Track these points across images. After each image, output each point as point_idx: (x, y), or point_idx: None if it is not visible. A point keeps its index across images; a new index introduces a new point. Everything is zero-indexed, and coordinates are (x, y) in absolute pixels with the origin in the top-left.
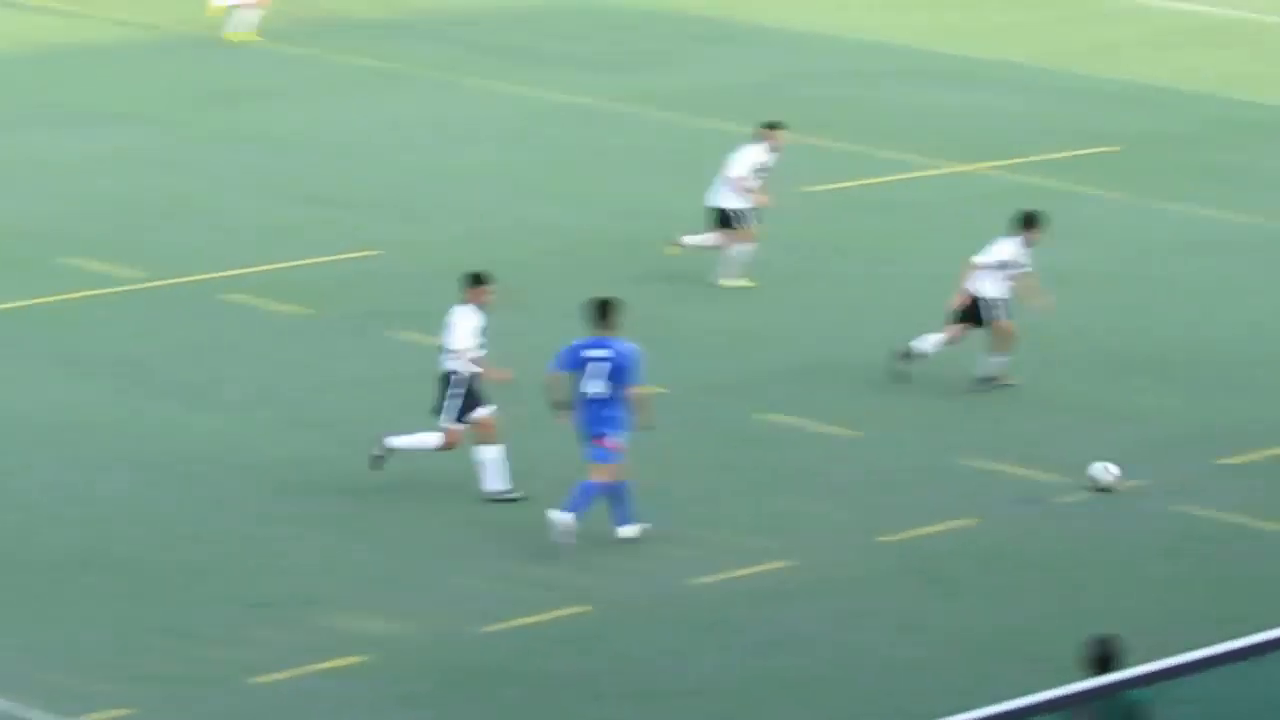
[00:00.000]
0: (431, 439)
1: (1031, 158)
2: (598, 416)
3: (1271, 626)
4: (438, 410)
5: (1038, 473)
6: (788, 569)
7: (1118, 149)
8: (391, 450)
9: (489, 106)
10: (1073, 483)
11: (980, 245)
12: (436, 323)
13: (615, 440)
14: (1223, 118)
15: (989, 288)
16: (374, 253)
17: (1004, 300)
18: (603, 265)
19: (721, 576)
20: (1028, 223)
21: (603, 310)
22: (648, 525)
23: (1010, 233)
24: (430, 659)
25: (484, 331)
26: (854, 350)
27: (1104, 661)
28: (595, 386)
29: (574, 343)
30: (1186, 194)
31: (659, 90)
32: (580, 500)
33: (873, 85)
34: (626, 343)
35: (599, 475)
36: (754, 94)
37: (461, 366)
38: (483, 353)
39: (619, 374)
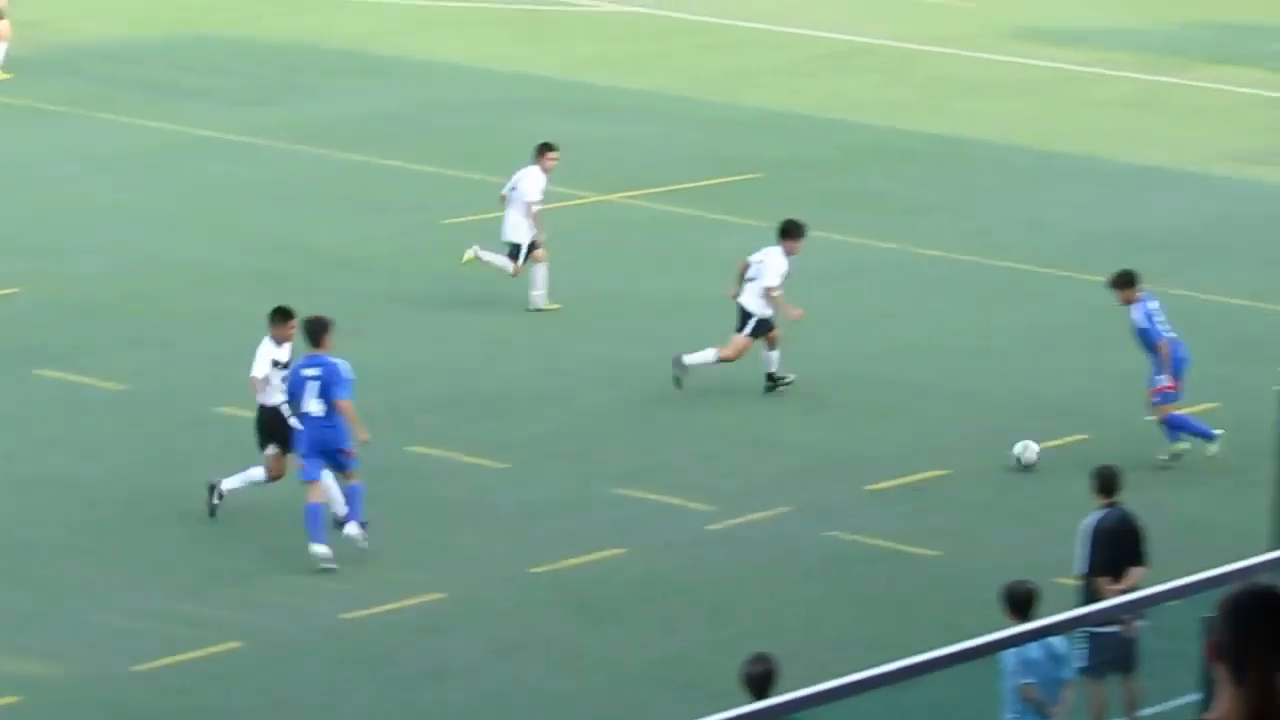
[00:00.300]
0: (256, 473)
1: (673, 186)
2: (322, 435)
3: (919, 648)
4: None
5: (687, 501)
6: (441, 601)
7: (758, 176)
8: (225, 492)
9: (129, 141)
10: (720, 510)
11: (624, 274)
12: (80, 359)
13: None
14: (860, 144)
15: (753, 301)
16: (12, 290)
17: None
18: (244, 299)
19: (375, 610)
20: (787, 233)
21: (311, 328)
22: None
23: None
24: (79, 699)
25: (282, 365)
26: (498, 382)
27: (763, 680)
28: (313, 406)
29: (294, 364)
30: (827, 220)
31: (298, 123)
32: (355, 506)
33: (511, 116)
34: (335, 359)
35: (316, 495)
36: (393, 126)
37: (263, 399)
38: (282, 386)
39: (328, 390)
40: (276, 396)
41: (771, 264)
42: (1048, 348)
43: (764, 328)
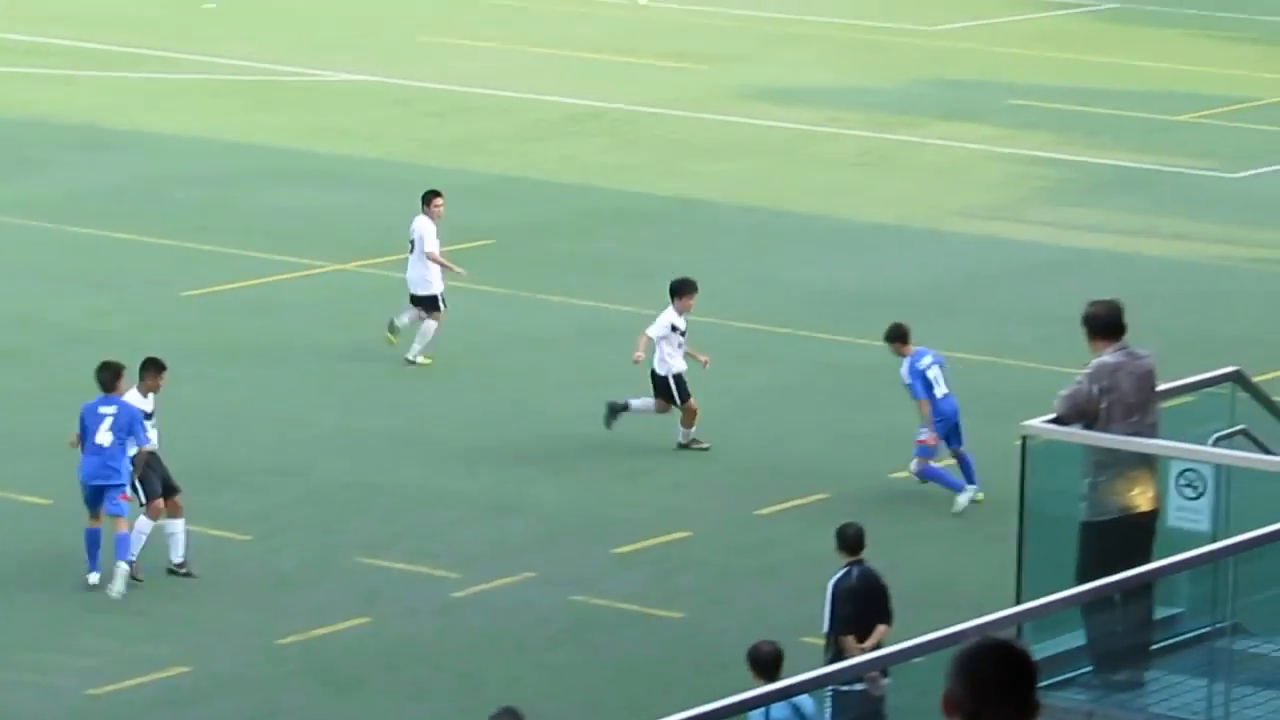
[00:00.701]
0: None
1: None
2: (104, 470)
3: (667, 709)
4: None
5: (432, 569)
6: (188, 674)
7: (490, 242)
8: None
9: None
10: (466, 577)
11: (361, 342)
12: None
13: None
14: (592, 207)
15: (671, 359)
16: None
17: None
18: None
19: (122, 685)
20: (679, 291)
21: (104, 373)
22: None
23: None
24: None
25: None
26: (238, 454)
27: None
28: (104, 438)
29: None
30: (562, 284)
31: (31, 198)
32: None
33: (246, 186)
34: (128, 403)
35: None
36: (126, 199)
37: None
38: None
39: (123, 430)
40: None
41: (660, 319)
42: (786, 407)
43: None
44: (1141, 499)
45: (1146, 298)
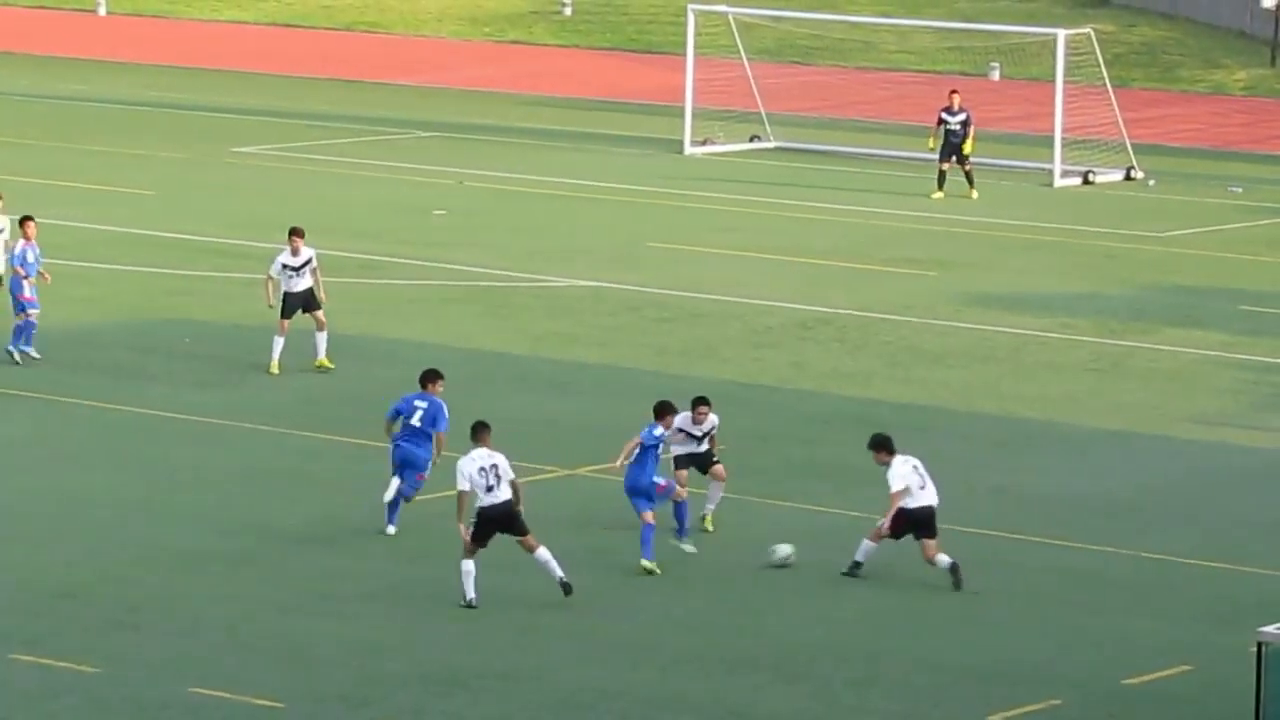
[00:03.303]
0: None
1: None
2: None
3: None
4: None
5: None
6: None
7: (724, 448)
8: None
9: (92, 425)
10: None
11: (606, 541)
12: (53, 641)
13: None
14: (823, 413)
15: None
16: None
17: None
18: (213, 580)
19: None
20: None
21: None
22: None
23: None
24: None
25: None
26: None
27: None
28: None
29: None
30: (794, 490)
31: (263, 404)
32: None
33: (476, 393)
34: None
35: None
36: (358, 406)
37: None
38: None
39: None
40: None
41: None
42: (1028, 614)
43: None
44: None
45: None
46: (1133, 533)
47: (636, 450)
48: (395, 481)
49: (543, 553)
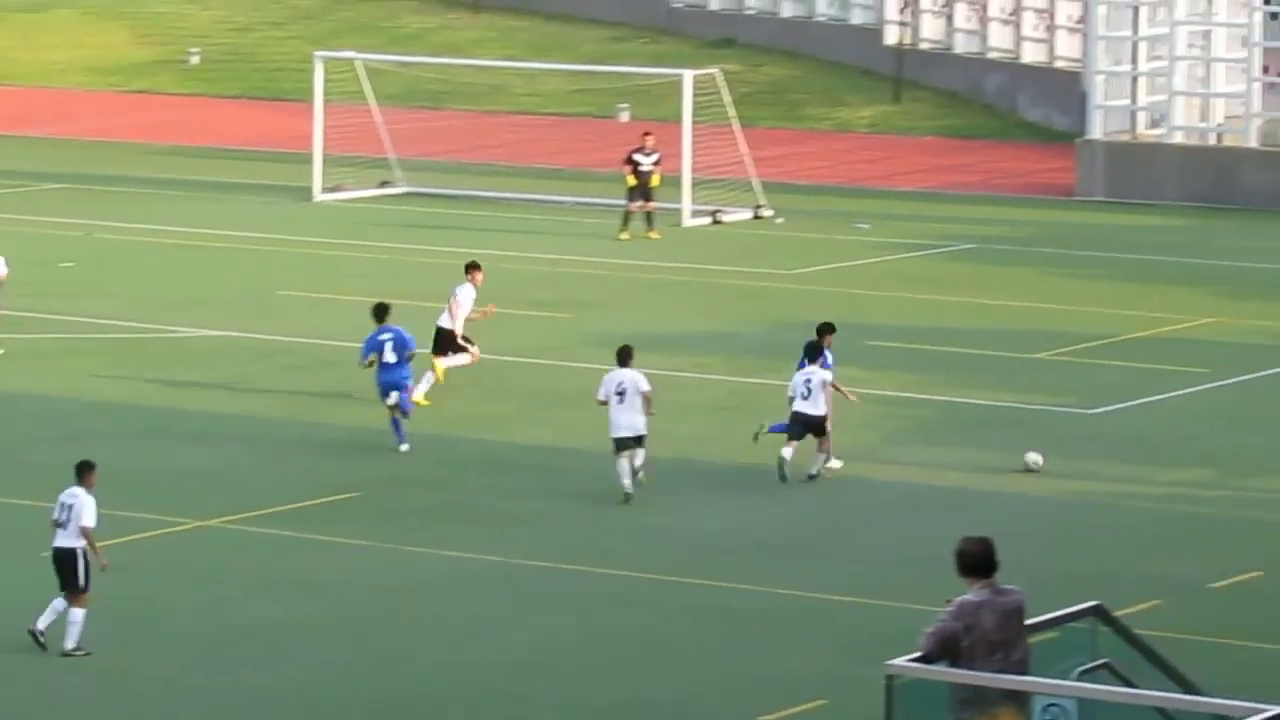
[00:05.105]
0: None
1: (273, 509)
2: None
3: None
4: None
5: None
6: None
7: (358, 495)
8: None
9: None
10: None
11: (239, 595)
12: None
13: None
14: (459, 457)
15: None
16: None
17: None
18: None
19: None
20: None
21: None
22: None
23: None
24: None
25: None
26: None
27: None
28: None
29: None
30: (429, 537)
31: None
32: None
33: (104, 446)
34: None
35: None
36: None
37: None
38: None
39: None
40: None
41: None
42: (661, 653)
43: None
44: None
45: (1010, 535)
46: (766, 569)
47: None
48: (394, 394)
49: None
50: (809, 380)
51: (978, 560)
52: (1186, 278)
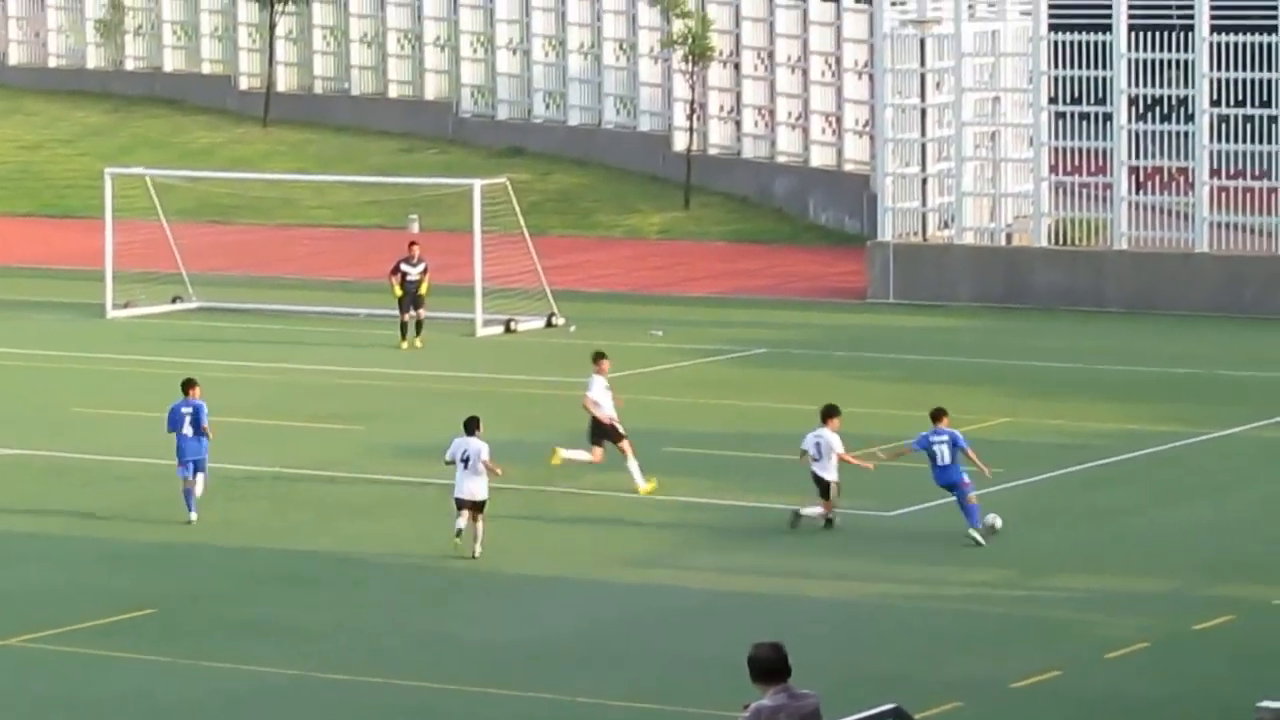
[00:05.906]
0: None
1: (70, 627)
2: None
3: None
4: None
5: None
6: None
7: (154, 611)
8: None
9: None
10: None
11: (40, 714)
12: None
13: None
14: (253, 571)
15: None
16: None
17: None
18: None
19: None
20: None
21: None
22: None
23: None
24: None
25: None
26: None
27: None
28: None
29: None
30: (228, 651)
31: None
32: None
33: None
34: None
35: None
36: None
37: None
38: None
39: None
40: None
41: None
42: None
43: None
44: None
45: (808, 639)
46: (566, 677)
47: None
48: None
49: None
50: (819, 444)
51: (770, 665)
52: (979, 377)
